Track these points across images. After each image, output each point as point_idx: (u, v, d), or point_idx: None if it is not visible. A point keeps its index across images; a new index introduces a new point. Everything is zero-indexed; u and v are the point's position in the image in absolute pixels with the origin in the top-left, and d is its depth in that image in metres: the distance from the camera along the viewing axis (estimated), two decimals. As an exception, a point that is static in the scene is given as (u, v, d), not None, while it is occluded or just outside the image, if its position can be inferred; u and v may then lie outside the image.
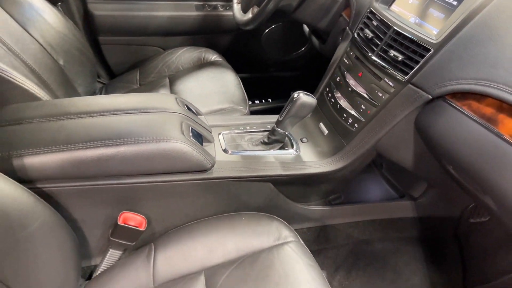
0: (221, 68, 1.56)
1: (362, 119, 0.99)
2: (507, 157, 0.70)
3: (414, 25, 0.93)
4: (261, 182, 0.99)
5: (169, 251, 0.93)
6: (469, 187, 0.86)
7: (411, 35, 0.90)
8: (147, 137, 0.87)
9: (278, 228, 0.95)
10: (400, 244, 1.21)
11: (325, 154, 1.05)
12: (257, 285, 0.83)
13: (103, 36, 1.71)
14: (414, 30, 0.91)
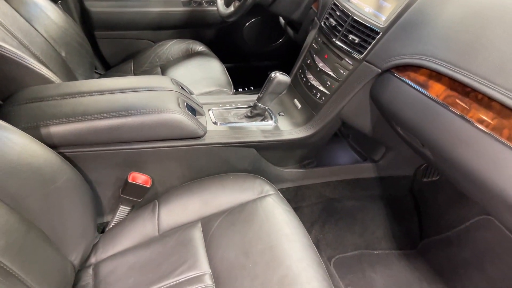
0: (207, 57, 1.75)
1: (328, 92, 1.20)
2: (435, 113, 0.91)
3: (368, 14, 1.13)
4: (245, 148, 1.19)
5: (170, 206, 1.11)
6: (413, 143, 1.07)
7: (365, 22, 1.11)
8: (149, 109, 1.05)
9: (261, 184, 1.14)
10: (365, 201, 1.41)
11: (299, 124, 1.25)
12: (244, 227, 1.02)
13: (99, 31, 1.87)
14: (367, 17, 1.11)
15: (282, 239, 0.97)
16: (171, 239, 1.05)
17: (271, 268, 0.91)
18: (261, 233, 0.99)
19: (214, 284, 0.93)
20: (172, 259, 1.00)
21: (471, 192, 0.95)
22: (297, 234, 0.99)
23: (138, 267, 1.01)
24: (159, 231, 1.09)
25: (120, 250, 1.07)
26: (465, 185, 0.94)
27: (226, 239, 1.01)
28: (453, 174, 0.97)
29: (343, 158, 1.39)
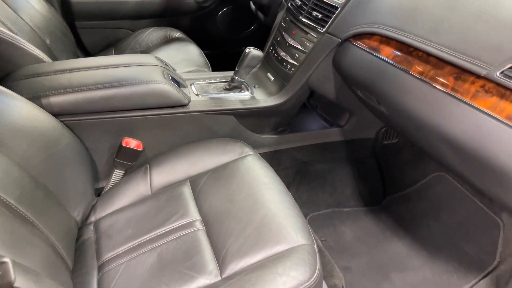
0: (185, 42, 1.88)
1: (297, 63, 1.35)
2: (386, 71, 1.08)
3: (328, -7, 1.30)
4: (225, 115, 1.33)
5: (161, 168, 1.24)
6: (371, 103, 1.24)
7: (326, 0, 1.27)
8: (139, 81, 1.17)
9: (241, 146, 1.28)
10: (334, 163, 1.58)
11: (272, 93, 1.41)
12: (228, 181, 1.16)
13: (79, 20, 1.97)
14: (328, -5, 1.28)
15: (261, 187, 1.11)
16: (163, 196, 1.18)
17: (253, 210, 1.05)
18: (243, 184, 1.13)
19: (204, 228, 1.07)
20: (165, 211, 1.13)
21: (419, 138, 1.13)
22: (274, 183, 1.14)
23: (135, 220, 1.13)
24: (152, 190, 1.21)
25: (117, 208, 1.19)
26: (414, 133, 1.12)
27: (212, 191, 1.15)
28: (405, 125, 1.14)
29: (313, 125, 1.55)
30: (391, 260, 1.42)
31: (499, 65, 0.83)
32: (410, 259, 1.42)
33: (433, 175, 1.64)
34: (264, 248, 0.96)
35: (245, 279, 0.89)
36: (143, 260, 1.02)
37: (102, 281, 1.00)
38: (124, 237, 1.09)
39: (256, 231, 1.00)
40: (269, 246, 0.96)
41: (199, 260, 0.98)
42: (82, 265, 1.05)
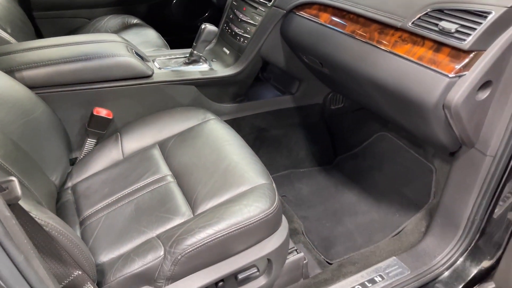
0: (143, 27, 1.98)
1: (249, 36, 1.50)
2: (325, 34, 1.25)
3: (272, -28, 1.46)
4: (187, 85, 1.46)
5: (131, 135, 1.35)
6: (316, 66, 1.41)
7: (270, -23, 1.43)
8: (105, 54, 1.28)
9: (204, 113, 1.41)
10: (288, 129, 1.75)
11: (229, 64, 1.55)
12: (193, 141, 1.29)
13: (37, 11, 2.02)
14: (272, -26, 1.44)
15: (224, 143, 1.26)
16: (134, 158, 1.30)
17: (217, 161, 1.19)
18: (208, 142, 1.27)
19: (175, 180, 1.19)
20: (138, 170, 1.24)
21: (357, 91, 1.31)
22: (235, 140, 1.28)
23: (110, 180, 1.24)
24: (124, 155, 1.32)
25: (92, 173, 1.29)
26: (352, 86, 1.30)
27: (180, 151, 1.28)
28: (345, 81, 1.32)
29: (268, 95, 1.71)
30: (343, 208, 1.61)
31: (410, 17, 1.02)
32: (359, 205, 1.61)
33: (376, 135, 1.84)
34: (230, 189, 1.10)
35: (214, 212, 1.03)
36: (122, 211, 1.13)
37: (85, 232, 1.11)
38: (101, 195, 1.20)
39: (222, 177, 1.14)
40: (234, 187, 1.10)
41: (173, 205, 1.11)
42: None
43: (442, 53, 0.96)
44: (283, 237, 1.08)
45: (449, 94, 0.95)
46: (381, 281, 1.17)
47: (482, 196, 1.11)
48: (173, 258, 0.94)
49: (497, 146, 1.02)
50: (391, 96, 1.10)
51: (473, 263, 1.19)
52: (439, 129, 1.05)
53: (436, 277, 1.21)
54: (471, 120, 0.99)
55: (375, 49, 1.10)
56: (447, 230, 1.23)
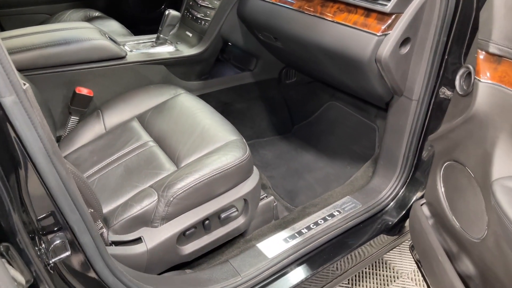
0: (106, 19, 2.10)
1: (209, 19, 1.69)
2: (276, 11, 1.46)
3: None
4: (157, 65, 1.62)
5: (111, 111, 1.49)
6: (270, 42, 1.62)
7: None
8: (83, 38, 1.42)
9: (175, 88, 1.58)
10: (250, 102, 1.95)
11: (193, 45, 1.73)
12: (169, 112, 1.46)
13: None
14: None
15: (196, 111, 1.44)
16: (117, 130, 1.45)
17: (193, 126, 1.37)
18: (182, 111, 1.45)
19: (157, 144, 1.36)
20: (121, 139, 1.40)
21: (307, 59, 1.54)
22: (205, 107, 1.47)
23: (97, 150, 1.38)
24: (106, 128, 1.47)
25: (79, 146, 1.42)
26: (303, 54, 1.52)
27: (158, 121, 1.44)
28: (296, 51, 1.54)
29: (229, 72, 1.91)
30: (303, 166, 1.84)
31: (345, -10, 1.25)
32: (316, 163, 1.85)
33: (326, 104, 2.10)
34: (207, 146, 1.29)
35: (197, 162, 1.21)
36: (113, 173, 1.29)
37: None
38: (91, 162, 1.34)
39: (199, 137, 1.32)
40: (210, 144, 1.29)
41: (159, 163, 1.28)
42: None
43: (371, 17, 1.21)
44: (255, 181, 1.29)
45: (379, 50, 1.19)
46: (338, 214, 1.40)
47: (413, 135, 1.37)
48: (166, 200, 1.12)
49: (419, 91, 1.29)
50: (335, 57, 1.33)
51: (411, 193, 1.46)
52: (375, 81, 1.29)
53: (383, 208, 1.46)
54: (397, 70, 1.24)
55: (320, 20, 1.33)
56: (389, 169, 1.49)
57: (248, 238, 1.36)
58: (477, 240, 0.94)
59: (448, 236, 1.10)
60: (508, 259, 0.81)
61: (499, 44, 0.84)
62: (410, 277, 1.73)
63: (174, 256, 1.19)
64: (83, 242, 0.77)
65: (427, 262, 1.19)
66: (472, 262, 1.01)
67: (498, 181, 0.83)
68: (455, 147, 1.01)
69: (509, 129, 0.83)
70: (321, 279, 1.31)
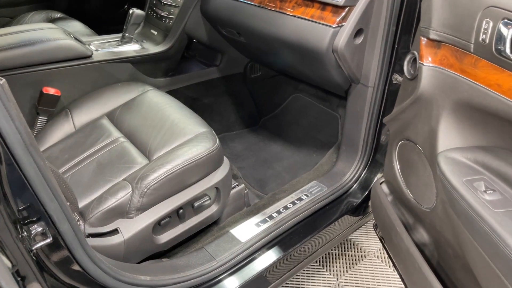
0: (68, 20, 2.10)
1: (173, 16, 1.73)
2: (238, 7, 1.52)
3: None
4: (123, 63, 1.65)
5: (80, 109, 1.51)
6: (234, 37, 1.69)
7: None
8: (48, 39, 1.44)
9: (142, 85, 1.62)
10: (217, 97, 2.01)
11: (158, 43, 1.77)
12: (138, 108, 1.50)
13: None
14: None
15: (165, 106, 1.48)
16: (86, 129, 1.47)
17: (162, 120, 1.41)
18: (151, 107, 1.49)
19: (128, 139, 1.39)
20: (92, 137, 1.42)
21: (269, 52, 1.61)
22: (174, 102, 1.51)
23: (68, 148, 1.40)
24: (75, 127, 1.49)
25: (48, 145, 1.44)
26: (265, 48, 1.59)
27: (127, 117, 1.48)
28: (258, 44, 1.61)
29: (195, 68, 1.96)
30: (271, 156, 1.91)
31: (301, -14, 1.33)
32: (284, 153, 1.93)
33: (291, 97, 2.18)
34: (178, 138, 1.33)
35: (168, 153, 1.26)
36: (85, 169, 1.31)
37: (54, 191, 1.27)
38: (63, 160, 1.36)
39: (169, 130, 1.37)
40: (180, 136, 1.34)
41: (131, 158, 1.32)
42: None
43: (327, 10, 1.29)
44: (226, 170, 1.35)
45: (335, 41, 1.28)
46: (306, 198, 1.48)
47: (370, 120, 1.47)
48: (140, 191, 1.16)
49: (374, 78, 1.38)
50: (296, 49, 1.41)
51: (372, 174, 1.56)
52: (333, 71, 1.38)
53: (347, 190, 1.56)
54: (353, 60, 1.33)
55: (280, 14, 1.40)
56: (351, 153, 1.58)
57: (221, 225, 1.42)
58: (429, 209, 1.04)
59: (405, 209, 1.20)
60: (454, 223, 0.91)
61: (438, 30, 0.94)
62: (377, 255, 1.84)
63: (151, 246, 1.23)
64: (62, 231, 0.81)
65: (387, 236, 1.29)
66: (426, 230, 1.11)
67: (442, 153, 0.92)
68: (406, 127, 1.11)
69: (450, 107, 0.93)
70: (292, 260, 1.38)
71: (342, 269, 1.78)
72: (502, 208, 0.77)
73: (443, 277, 1.07)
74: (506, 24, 0.77)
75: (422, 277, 1.05)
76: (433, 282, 1.00)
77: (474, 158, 0.88)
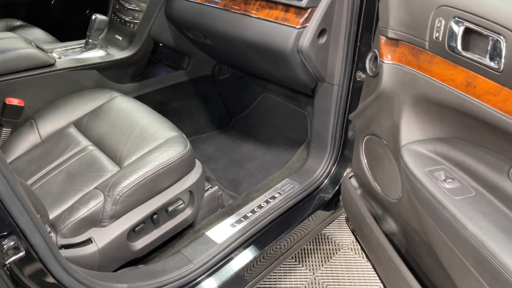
0: (29, 27, 2.05)
1: (137, 21, 1.72)
2: (203, 10, 1.53)
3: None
4: (88, 70, 1.62)
5: (45, 119, 1.48)
6: (200, 40, 1.69)
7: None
8: (8, 48, 1.40)
9: (109, 91, 1.60)
10: (186, 100, 2.01)
11: (123, 48, 1.75)
12: (106, 115, 1.48)
13: None
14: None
15: (134, 112, 1.47)
16: (53, 138, 1.44)
17: (132, 126, 1.40)
18: (119, 113, 1.47)
19: (97, 147, 1.38)
20: (59, 146, 1.40)
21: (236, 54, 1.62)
22: (142, 108, 1.50)
23: (35, 159, 1.37)
24: (41, 137, 1.45)
25: (14, 157, 1.40)
26: (231, 50, 1.61)
27: (95, 124, 1.46)
28: (225, 47, 1.62)
29: (163, 72, 1.95)
30: (243, 156, 1.93)
31: (264, -12, 1.36)
32: (256, 152, 1.95)
33: (260, 97, 2.20)
34: (148, 144, 1.33)
35: (140, 160, 1.26)
36: (54, 180, 1.29)
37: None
38: (30, 172, 1.33)
39: (139, 136, 1.36)
40: (151, 142, 1.33)
41: (101, 166, 1.30)
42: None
43: (290, 12, 1.32)
44: (199, 173, 1.35)
45: (300, 41, 1.31)
46: (279, 196, 1.51)
47: (337, 117, 1.51)
48: (113, 199, 1.15)
49: (339, 76, 1.42)
50: (262, 50, 1.43)
51: (342, 169, 1.61)
52: (299, 70, 1.41)
53: (318, 186, 1.60)
54: (318, 59, 1.37)
55: (244, 17, 1.42)
56: (320, 150, 1.62)
57: (197, 228, 1.42)
58: (395, 200, 1.09)
59: (373, 201, 1.25)
60: (418, 212, 0.96)
61: (395, 29, 0.99)
62: (350, 247, 1.90)
63: (126, 253, 1.22)
64: (34, 243, 0.80)
65: (358, 228, 1.33)
66: (394, 220, 1.16)
67: (405, 146, 0.97)
68: (371, 122, 1.16)
69: (409, 102, 0.98)
70: (269, 258, 1.41)
71: (317, 263, 1.82)
72: (461, 195, 0.82)
73: (412, 263, 1.13)
74: (457, 22, 0.82)
75: (393, 265, 1.10)
76: (402, 270, 1.05)
77: (434, 149, 0.93)
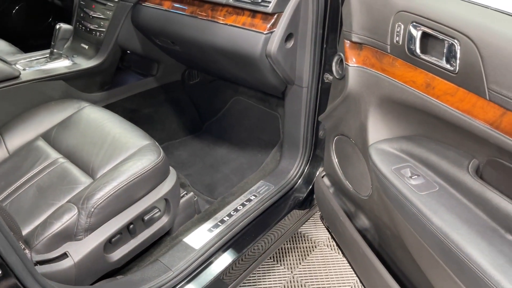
0: None
1: (103, 29, 1.70)
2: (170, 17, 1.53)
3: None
4: (55, 81, 1.59)
5: (11, 133, 1.44)
6: (169, 46, 1.69)
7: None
8: (-32, 62, 1.35)
9: (78, 102, 1.57)
10: (157, 106, 2.00)
11: (91, 56, 1.73)
12: (75, 126, 1.46)
13: None
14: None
15: (105, 121, 1.46)
16: (21, 152, 1.41)
17: (103, 136, 1.39)
18: (89, 123, 1.45)
19: (68, 159, 1.36)
20: (28, 161, 1.37)
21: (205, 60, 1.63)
22: (113, 117, 1.49)
23: (3, 174, 1.34)
24: (9, 152, 1.42)
25: (-19, 175, 1.36)
26: (200, 56, 1.62)
27: (65, 136, 1.43)
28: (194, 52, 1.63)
29: (132, 80, 1.93)
30: (217, 160, 1.94)
31: (230, -5, 1.37)
32: (230, 155, 1.97)
33: (231, 100, 2.22)
34: (121, 154, 1.32)
35: (112, 170, 1.25)
36: (25, 195, 1.27)
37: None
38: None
39: (111, 146, 1.35)
40: (123, 151, 1.33)
41: (73, 178, 1.29)
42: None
43: (257, 18, 1.34)
44: (173, 180, 1.36)
45: (268, 46, 1.33)
46: (255, 198, 1.53)
47: (308, 118, 1.55)
48: (87, 212, 1.14)
49: (307, 79, 1.46)
50: (230, 55, 1.45)
51: (314, 168, 1.65)
52: (268, 74, 1.44)
53: (293, 186, 1.63)
54: (286, 63, 1.40)
55: (212, 23, 1.43)
56: (293, 151, 1.66)
57: (174, 235, 1.43)
58: (366, 197, 1.13)
59: (346, 199, 1.29)
60: (388, 207, 1.00)
61: (358, 33, 1.02)
62: (326, 244, 1.94)
63: (103, 265, 1.21)
64: (11, 262, 0.78)
65: (332, 225, 1.37)
66: (366, 217, 1.20)
67: (373, 145, 1.01)
68: (340, 123, 1.19)
69: (375, 103, 1.02)
70: (247, 259, 1.43)
71: (295, 261, 1.85)
72: (426, 190, 0.87)
73: (385, 257, 1.17)
74: (415, 27, 0.87)
75: (367, 261, 1.14)
76: (376, 264, 1.09)
77: (400, 148, 0.97)
